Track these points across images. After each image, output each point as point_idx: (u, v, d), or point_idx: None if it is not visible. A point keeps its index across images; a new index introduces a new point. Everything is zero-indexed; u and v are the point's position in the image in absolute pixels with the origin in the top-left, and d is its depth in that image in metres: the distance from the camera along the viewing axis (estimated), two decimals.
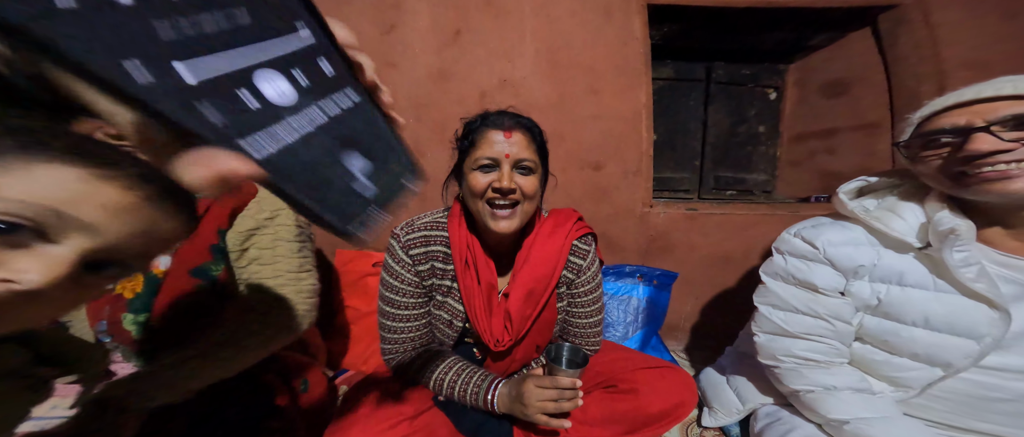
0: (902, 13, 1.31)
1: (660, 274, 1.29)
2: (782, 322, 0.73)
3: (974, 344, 0.57)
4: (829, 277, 0.68)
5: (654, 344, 1.29)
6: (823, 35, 1.51)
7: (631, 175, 1.34)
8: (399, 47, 1.26)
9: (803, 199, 1.61)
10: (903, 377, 0.64)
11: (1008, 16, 1.21)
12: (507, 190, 0.67)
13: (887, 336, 0.65)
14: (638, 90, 1.33)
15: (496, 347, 0.74)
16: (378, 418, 0.63)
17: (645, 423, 0.68)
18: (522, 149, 0.68)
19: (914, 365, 0.63)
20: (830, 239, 0.69)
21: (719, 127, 1.73)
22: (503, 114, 0.71)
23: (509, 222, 0.68)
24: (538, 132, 0.73)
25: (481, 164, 0.67)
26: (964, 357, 0.58)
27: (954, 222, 0.57)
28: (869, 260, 0.65)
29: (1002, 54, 1.22)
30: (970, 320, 0.58)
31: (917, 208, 0.64)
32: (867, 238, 0.67)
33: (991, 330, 0.56)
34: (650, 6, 1.33)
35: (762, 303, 0.78)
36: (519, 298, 0.74)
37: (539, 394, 0.64)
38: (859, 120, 1.49)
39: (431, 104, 1.28)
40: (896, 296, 0.63)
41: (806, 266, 0.71)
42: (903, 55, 1.34)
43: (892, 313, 0.64)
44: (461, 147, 0.74)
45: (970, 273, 0.57)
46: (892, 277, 0.64)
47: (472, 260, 0.75)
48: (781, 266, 0.76)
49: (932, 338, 0.60)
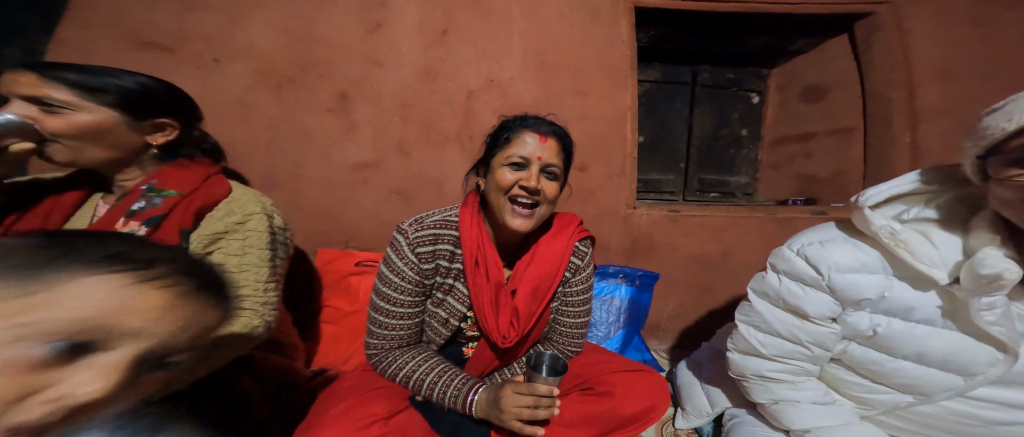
0: (877, 21, 1.35)
1: (642, 275, 1.31)
2: (759, 344, 0.69)
3: (961, 380, 0.54)
4: (823, 306, 0.61)
5: (636, 344, 1.32)
6: (803, 40, 1.55)
7: (616, 176, 1.36)
8: (385, 46, 1.25)
9: (782, 202, 1.65)
10: (871, 399, 0.62)
11: (976, 23, 1.26)
12: (533, 190, 0.69)
13: (871, 365, 0.60)
14: (624, 92, 1.34)
15: (503, 344, 0.75)
16: (351, 418, 0.62)
17: (620, 425, 0.70)
18: (553, 155, 0.71)
19: (888, 391, 0.60)
20: (837, 263, 0.59)
21: (704, 130, 1.76)
22: (541, 120, 0.74)
23: (526, 221, 0.71)
24: (569, 142, 0.76)
25: (512, 161, 0.70)
26: (945, 391, 0.55)
27: (1003, 267, 0.47)
28: (877, 293, 0.57)
29: (970, 61, 1.27)
30: (968, 359, 0.53)
31: (956, 239, 0.54)
32: (882, 264, 0.58)
33: (988, 369, 0.52)
34: (637, 9, 1.34)
35: (743, 322, 0.72)
36: (526, 294, 0.76)
37: (516, 400, 0.65)
38: (835, 125, 1.54)
39: (417, 103, 1.28)
40: (896, 329, 0.57)
41: (802, 291, 0.63)
42: (876, 61, 1.38)
43: (885, 345, 0.58)
44: (495, 141, 0.74)
45: (991, 316, 0.50)
46: (899, 311, 0.57)
47: (483, 259, 0.75)
48: (773, 286, 0.67)
49: (919, 372, 0.57)
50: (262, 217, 0.72)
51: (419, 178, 1.30)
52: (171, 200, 0.67)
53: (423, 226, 0.75)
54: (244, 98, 1.21)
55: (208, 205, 0.69)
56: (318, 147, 1.26)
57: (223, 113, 1.19)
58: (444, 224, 0.77)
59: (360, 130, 1.27)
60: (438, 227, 0.76)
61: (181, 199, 0.67)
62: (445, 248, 0.76)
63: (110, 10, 1.11)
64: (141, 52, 1.14)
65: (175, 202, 0.67)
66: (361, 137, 1.27)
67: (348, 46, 1.23)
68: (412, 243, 0.73)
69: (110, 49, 1.12)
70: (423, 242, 0.74)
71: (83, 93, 0.63)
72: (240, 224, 0.70)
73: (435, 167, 1.31)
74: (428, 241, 0.74)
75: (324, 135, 1.25)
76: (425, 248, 0.74)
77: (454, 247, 0.77)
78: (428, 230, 0.75)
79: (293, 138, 1.24)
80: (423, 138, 1.29)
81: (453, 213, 0.79)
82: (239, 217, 0.70)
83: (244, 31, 1.19)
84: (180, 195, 0.68)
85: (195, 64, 1.17)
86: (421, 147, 1.29)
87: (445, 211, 0.79)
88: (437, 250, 0.75)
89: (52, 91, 0.61)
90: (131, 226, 0.64)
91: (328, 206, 1.28)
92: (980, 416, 0.56)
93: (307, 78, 1.23)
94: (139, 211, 0.65)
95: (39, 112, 0.61)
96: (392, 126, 1.28)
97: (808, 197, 1.59)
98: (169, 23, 1.15)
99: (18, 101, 0.61)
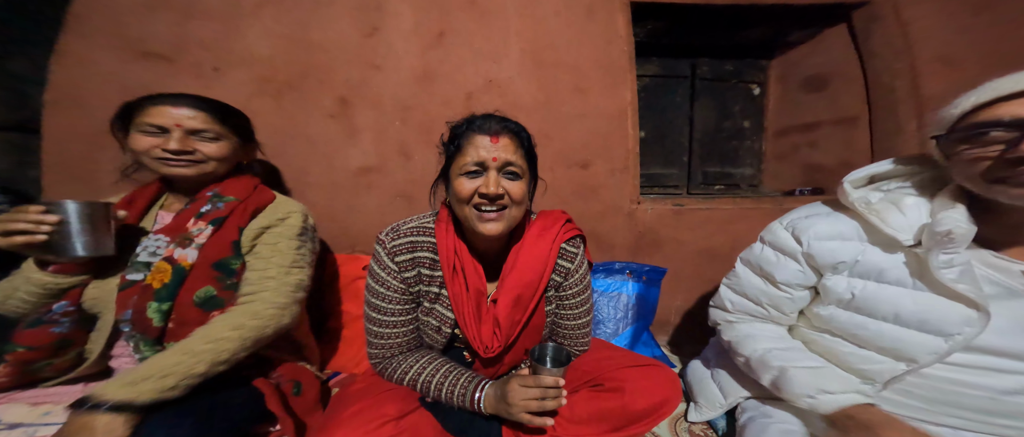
0: (875, 10, 1.34)
1: (649, 270, 1.30)
2: (729, 302, 0.82)
3: (941, 341, 0.57)
4: (790, 274, 0.71)
5: (645, 340, 1.30)
6: (801, 31, 1.54)
7: (618, 172, 1.36)
8: (382, 49, 1.25)
9: (788, 192, 1.64)
10: (869, 369, 0.64)
11: (975, 11, 1.25)
12: (494, 196, 0.66)
13: (856, 329, 0.65)
14: (623, 88, 1.34)
15: (486, 353, 0.73)
16: (364, 419, 0.62)
17: (631, 421, 0.69)
18: (509, 154, 0.67)
19: (881, 358, 0.63)
20: (817, 232, 0.68)
21: (705, 122, 1.75)
22: (490, 118, 0.70)
23: (496, 224, 0.68)
24: (526, 136, 0.73)
25: (468, 169, 0.67)
26: (929, 353, 0.58)
27: (954, 225, 0.54)
28: (851, 257, 0.64)
29: (972, 48, 1.26)
30: (941, 318, 0.57)
31: (923, 204, 0.61)
32: (857, 232, 0.66)
33: (963, 328, 0.55)
34: (633, 4, 1.34)
35: (725, 284, 0.85)
36: (507, 304, 0.73)
37: (523, 393, 0.65)
38: (839, 114, 1.53)
39: (416, 106, 1.28)
40: (872, 292, 0.63)
41: (776, 259, 0.73)
42: (877, 50, 1.37)
43: (864, 308, 0.63)
44: (447, 151, 0.73)
45: (951, 274, 0.55)
46: (871, 274, 0.63)
47: (460, 266, 0.74)
48: (755, 254, 0.78)
49: (899, 333, 0.60)
50: (299, 214, 0.84)
51: (422, 181, 1.30)
52: (231, 204, 0.79)
53: (399, 234, 0.75)
54: (246, 106, 1.20)
55: (262, 205, 0.82)
56: (321, 153, 1.26)
57: None
58: (420, 231, 0.76)
59: (362, 135, 1.27)
60: (414, 234, 0.75)
61: (238, 204, 0.80)
62: (424, 256, 0.75)
63: (108, 20, 1.12)
64: (143, 62, 1.14)
65: (234, 206, 0.79)
66: (363, 142, 1.27)
67: (346, 51, 1.24)
68: (390, 252, 0.73)
69: (112, 59, 1.13)
70: (400, 250, 0.74)
71: (226, 126, 0.81)
72: (281, 220, 0.82)
73: (437, 169, 1.31)
74: (405, 249, 0.74)
75: (327, 141, 1.26)
76: (404, 256, 0.74)
77: (433, 254, 0.75)
78: (404, 238, 0.74)
79: (297, 145, 1.24)
80: (424, 140, 1.29)
81: (429, 220, 0.78)
82: (282, 213, 0.82)
83: (242, 39, 1.19)
84: (238, 201, 0.80)
85: (196, 74, 1.18)
86: (423, 149, 1.29)
87: (421, 218, 0.78)
88: (416, 257, 0.75)
89: (211, 125, 0.78)
90: (199, 225, 0.76)
91: (334, 211, 1.28)
92: (978, 382, 0.57)
93: (307, 84, 1.23)
94: (207, 213, 0.77)
95: (196, 141, 0.77)
96: (393, 129, 1.28)
97: (815, 187, 1.57)
98: (168, 33, 1.15)
99: (177, 132, 0.74)
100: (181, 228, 0.75)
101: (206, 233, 0.75)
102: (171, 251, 0.72)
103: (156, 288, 0.70)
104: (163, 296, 0.69)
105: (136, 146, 0.75)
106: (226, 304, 0.74)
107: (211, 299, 0.72)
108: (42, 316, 0.70)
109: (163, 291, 0.70)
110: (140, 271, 0.71)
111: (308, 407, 0.79)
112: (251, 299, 0.73)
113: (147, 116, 0.74)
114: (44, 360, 0.71)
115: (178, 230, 0.75)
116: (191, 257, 0.73)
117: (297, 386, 0.80)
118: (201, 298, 0.72)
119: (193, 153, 0.77)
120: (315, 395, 0.83)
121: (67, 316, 0.71)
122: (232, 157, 0.84)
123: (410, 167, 1.30)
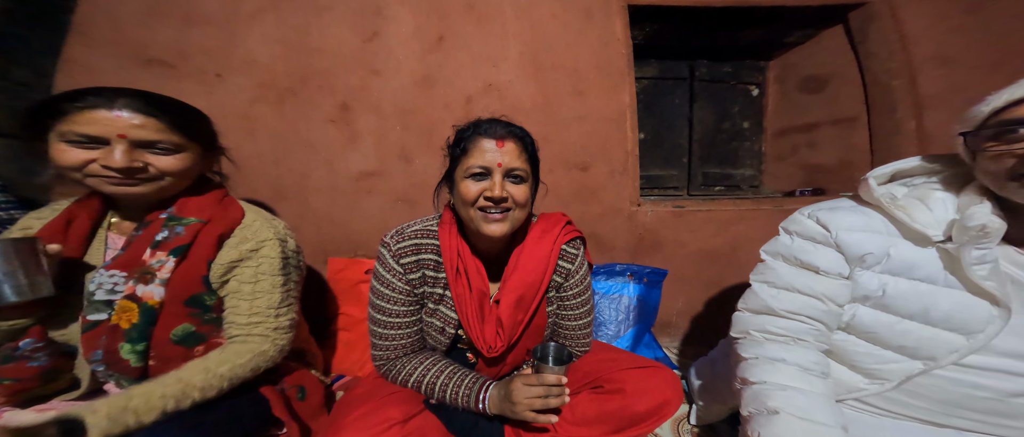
0: (871, 11, 1.35)
1: (650, 272, 1.30)
2: (771, 298, 0.70)
3: (963, 340, 0.57)
4: (833, 261, 0.66)
5: (647, 341, 1.30)
6: (798, 32, 1.55)
7: (618, 174, 1.36)
8: (382, 54, 1.26)
9: (788, 193, 1.64)
10: (882, 369, 0.64)
11: (970, 10, 1.26)
12: (499, 199, 0.68)
13: (879, 328, 0.63)
14: (622, 90, 1.35)
15: (489, 353, 0.74)
16: (369, 423, 0.62)
17: (632, 422, 0.69)
18: (514, 158, 0.69)
19: (897, 358, 0.62)
20: (843, 223, 0.66)
21: (705, 124, 1.76)
22: (495, 123, 0.72)
23: (500, 226, 0.69)
24: (530, 141, 0.74)
25: (473, 172, 0.68)
26: (949, 352, 0.58)
27: (987, 219, 0.54)
28: (879, 249, 0.63)
29: (967, 47, 1.27)
30: (969, 316, 0.56)
31: (950, 200, 0.61)
32: (885, 226, 0.64)
33: (987, 327, 0.55)
34: (630, 7, 1.35)
35: (757, 280, 0.74)
36: (510, 304, 0.75)
37: (527, 391, 0.66)
38: (837, 114, 1.53)
39: (417, 110, 1.29)
40: (902, 289, 0.61)
41: (813, 248, 0.69)
42: (874, 51, 1.38)
43: (892, 306, 0.62)
44: (452, 154, 0.74)
45: (983, 271, 0.55)
46: (903, 270, 0.62)
47: (463, 268, 0.75)
48: (786, 245, 0.73)
49: (925, 332, 0.59)
50: (275, 243, 0.72)
51: (423, 185, 1.31)
52: (192, 228, 0.67)
53: (404, 237, 0.75)
54: (248, 112, 1.22)
55: (227, 231, 0.69)
56: (322, 158, 1.27)
57: (229, 128, 1.18)
58: (425, 234, 0.77)
59: (362, 139, 1.28)
60: (419, 237, 0.76)
61: (201, 227, 0.68)
62: (429, 257, 0.76)
63: (112, 28, 1.14)
64: (146, 69, 1.16)
65: (197, 230, 0.67)
66: (364, 146, 1.28)
67: (346, 56, 1.25)
68: (395, 254, 0.74)
69: (117, 67, 1.14)
70: (405, 252, 0.74)
71: (183, 133, 0.65)
72: (254, 251, 0.70)
73: (438, 173, 1.30)
74: (410, 251, 0.75)
75: (328, 146, 1.27)
76: (408, 258, 0.74)
77: (437, 256, 0.76)
78: (409, 240, 0.75)
79: (298, 150, 1.25)
80: (425, 144, 1.29)
81: (433, 222, 0.79)
82: (252, 244, 0.70)
83: (243, 44, 1.20)
84: (200, 222, 0.68)
85: (198, 80, 1.19)
86: (423, 153, 1.30)
87: (426, 221, 0.79)
88: (421, 259, 0.75)
89: (165, 134, 0.62)
90: (158, 256, 0.65)
91: (335, 216, 1.29)
92: (988, 385, 0.57)
93: (308, 89, 1.24)
94: (164, 241, 0.66)
95: (149, 154, 0.62)
96: (394, 134, 1.29)
97: (816, 187, 1.57)
98: (170, 39, 1.17)
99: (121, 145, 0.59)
100: (136, 262, 0.64)
101: (168, 265, 0.64)
102: (132, 288, 0.63)
103: (125, 328, 0.63)
104: (135, 337, 0.63)
105: (62, 160, 0.58)
106: (209, 337, 0.69)
107: (191, 336, 0.67)
108: (12, 353, 0.62)
109: (133, 332, 0.63)
110: (101, 310, 0.63)
111: (313, 411, 0.80)
112: (242, 341, 0.68)
113: (73, 124, 0.57)
114: (35, 388, 0.64)
115: (134, 264, 0.64)
116: (158, 294, 0.63)
117: (301, 391, 0.80)
118: (179, 336, 0.66)
119: (144, 169, 0.62)
120: (319, 399, 0.83)
121: (39, 351, 0.63)
122: (194, 170, 0.69)
123: (411, 171, 1.30)
